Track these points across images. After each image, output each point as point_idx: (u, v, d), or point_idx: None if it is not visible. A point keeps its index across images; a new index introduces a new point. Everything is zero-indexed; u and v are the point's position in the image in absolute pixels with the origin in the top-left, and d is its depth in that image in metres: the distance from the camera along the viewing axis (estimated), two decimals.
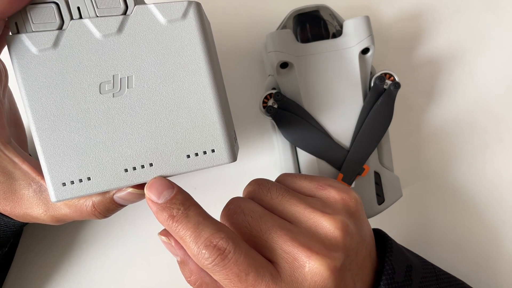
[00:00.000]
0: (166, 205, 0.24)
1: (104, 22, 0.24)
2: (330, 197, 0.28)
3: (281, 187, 0.28)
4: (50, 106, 0.24)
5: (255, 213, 0.26)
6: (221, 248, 0.23)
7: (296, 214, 0.26)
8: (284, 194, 0.27)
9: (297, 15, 0.37)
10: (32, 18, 0.24)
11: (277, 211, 0.27)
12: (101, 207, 0.27)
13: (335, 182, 0.29)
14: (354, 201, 0.28)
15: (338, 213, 0.26)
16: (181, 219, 0.24)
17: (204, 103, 0.25)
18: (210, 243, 0.23)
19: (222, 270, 0.23)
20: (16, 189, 0.27)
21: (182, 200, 0.24)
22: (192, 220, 0.24)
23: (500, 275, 0.41)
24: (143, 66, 0.25)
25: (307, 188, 0.29)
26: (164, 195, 0.24)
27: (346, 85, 0.36)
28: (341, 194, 0.28)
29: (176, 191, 0.24)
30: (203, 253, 0.23)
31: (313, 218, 0.26)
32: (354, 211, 0.28)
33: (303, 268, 0.24)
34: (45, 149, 0.24)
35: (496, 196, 0.42)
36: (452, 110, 0.42)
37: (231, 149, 0.26)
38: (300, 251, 0.24)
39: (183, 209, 0.24)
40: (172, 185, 0.25)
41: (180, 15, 0.25)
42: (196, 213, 0.24)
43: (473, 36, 0.42)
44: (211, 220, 0.24)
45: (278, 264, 0.25)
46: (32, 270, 0.38)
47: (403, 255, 0.29)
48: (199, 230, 0.23)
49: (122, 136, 0.25)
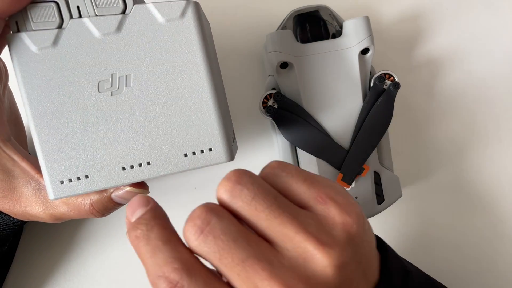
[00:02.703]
0: (134, 224, 0.22)
1: (103, 21, 0.24)
2: (329, 217, 0.22)
3: (270, 194, 0.22)
4: (49, 104, 0.25)
5: (228, 236, 0.21)
6: (173, 280, 0.20)
7: (283, 237, 0.21)
8: (272, 207, 0.22)
9: (297, 16, 0.37)
10: (32, 17, 0.24)
11: (259, 228, 0.22)
12: (99, 205, 0.27)
13: (337, 194, 0.23)
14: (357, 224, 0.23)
15: (336, 244, 0.22)
16: (142, 241, 0.21)
17: (201, 102, 0.25)
18: (163, 273, 0.20)
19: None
20: (15, 187, 0.27)
21: (148, 220, 0.22)
22: (151, 243, 0.21)
23: (500, 275, 0.41)
24: (141, 65, 0.25)
25: (304, 196, 0.23)
26: (136, 213, 0.22)
27: (346, 85, 0.36)
28: (343, 217, 0.22)
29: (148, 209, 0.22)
30: (155, 283, 0.20)
31: (304, 247, 0.21)
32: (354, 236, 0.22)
33: None
34: (43, 147, 0.25)
35: (496, 196, 0.41)
36: (452, 110, 0.42)
37: (229, 149, 0.26)
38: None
39: (145, 230, 0.22)
40: (147, 203, 0.23)
41: (178, 15, 0.25)
42: (158, 235, 0.21)
43: (473, 36, 0.42)
44: (171, 245, 0.21)
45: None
46: (32, 270, 0.38)
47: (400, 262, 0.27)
48: (155, 256, 0.21)
49: (120, 135, 0.25)
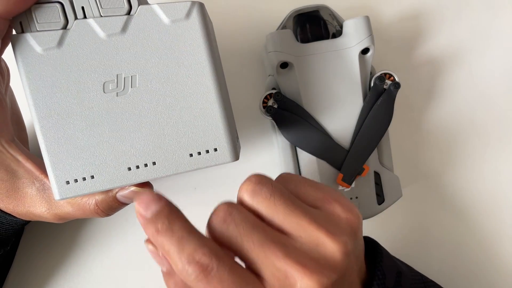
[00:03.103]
0: (152, 219, 0.23)
1: (108, 22, 0.24)
2: (335, 214, 0.26)
3: (285, 193, 0.26)
4: (54, 105, 0.24)
5: (248, 223, 0.24)
6: (204, 264, 0.22)
7: (298, 227, 0.25)
8: (288, 202, 0.25)
9: (297, 15, 0.37)
10: (36, 17, 0.24)
11: (277, 220, 0.25)
12: (104, 205, 0.27)
13: (340, 197, 0.27)
14: (357, 220, 0.27)
15: (342, 233, 0.25)
16: (165, 233, 0.23)
17: (207, 102, 0.25)
18: (193, 259, 0.22)
19: (206, 286, 0.22)
20: (19, 187, 0.27)
21: (167, 214, 0.24)
22: (176, 235, 0.23)
23: (500, 275, 0.41)
24: (146, 66, 0.25)
25: (312, 198, 0.27)
26: (151, 208, 0.24)
27: (346, 85, 0.36)
28: (346, 213, 0.26)
29: (163, 205, 0.24)
30: (186, 269, 0.22)
31: (316, 235, 0.25)
32: (355, 231, 0.26)
33: (294, 286, 0.23)
34: (49, 147, 0.25)
35: (496, 196, 0.42)
36: (452, 110, 0.42)
37: (234, 148, 0.26)
38: (293, 269, 0.23)
39: (167, 223, 0.23)
40: (159, 198, 0.24)
41: (183, 15, 0.25)
42: (181, 227, 0.23)
43: (473, 36, 0.42)
44: (195, 234, 0.24)
45: (267, 281, 0.24)
46: (32, 271, 0.38)
47: (393, 262, 0.29)
48: (182, 245, 0.23)
49: (125, 135, 0.25)
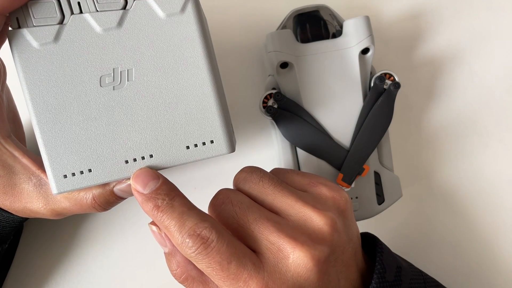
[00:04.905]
0: (151, 196, 0.24)
1: (104, 16, 0.25)
2: (322, 194, 0.28)
3: (274, 177, 0.28)
4: (51, 99, 0.25)
5: (243, 204, 0.26)
6: (204, 237, 0.23)
7: (286, 206, 0.26)
8: (276, 184, 0.27)
9: (297, 15, 0.37)
10: (33, 13, 0.24)
11: (267, 201, 0.27)
12: (101, 199, 0.27)
13: (326, 181, 0.29)
14: (344, 200, 0.28)
15: (328, 210, 0.27)
16: (166, 209, 0.24)
17: (202, 95, 0.25)
18: (194, 232, 0.23)
19: (205, 258, 0.23)
20: (16, 183, 0.27)
21: (167, 191, 0.25)
22: (176, 210, 0.24)
23: (500, 275, 0.41)
24: (142, 59, 0.25)
25: (299, 183, 0.29)
26: (149, 185, 0.24)
27: (346, 85, 0.36)
28: (332, 193, 0.28)
29: (161, 182, 0.25)
30: (186, 242, 0.23)
31: (303, 211, 0.26)
32: (343, 210, 0.28)
33: (287, 259, 0.24)
34: (46, 141, 0.25)
35: (496, 196, 0.41)
36: (452, 110, 0.42)
37: (230, 140, 0.26)
38: (285, 242, 0.24)
39: (168, 199, 0.24)
40: (157, 175, 0.25)
41: (178, 9, 0.25)
42: (181, 203, 0.24)
43: (473, 36, 0.42)
44: (195, 210, 0.25)
45: (262, 255, 0.25)
46: (32, 270, 0.38)
47: (393, 257, 0.30)
48: (183, 219, 0.24)
49: (122, 128, 0.25)
